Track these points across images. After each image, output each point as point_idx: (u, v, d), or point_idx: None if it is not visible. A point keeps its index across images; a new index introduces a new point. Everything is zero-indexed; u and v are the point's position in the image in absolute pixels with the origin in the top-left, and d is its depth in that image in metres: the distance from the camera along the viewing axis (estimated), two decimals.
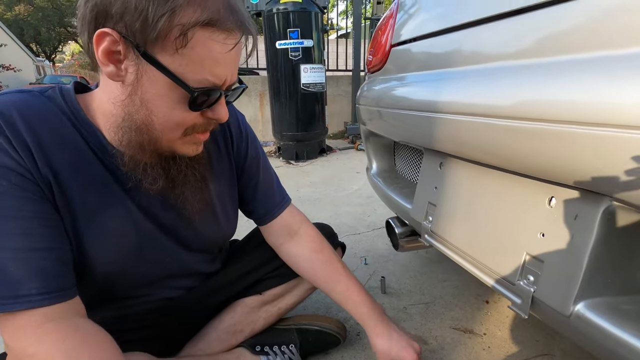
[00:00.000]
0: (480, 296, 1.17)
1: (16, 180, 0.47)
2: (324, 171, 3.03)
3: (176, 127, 0.52)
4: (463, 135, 0.65)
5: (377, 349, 0.77)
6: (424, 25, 0.85)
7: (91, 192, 0.55)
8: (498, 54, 0.61)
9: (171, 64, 0.46)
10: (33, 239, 0.48)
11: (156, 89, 0.48)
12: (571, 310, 0.48)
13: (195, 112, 0.51)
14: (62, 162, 0.52)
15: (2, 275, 0.45)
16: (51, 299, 0.48)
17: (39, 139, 0.49)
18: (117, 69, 0.47)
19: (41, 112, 0.51)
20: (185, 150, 0.56)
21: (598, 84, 0.42)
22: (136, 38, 0.45)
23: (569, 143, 0.45)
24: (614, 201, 0.45)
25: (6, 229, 0.46)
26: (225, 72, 0.50)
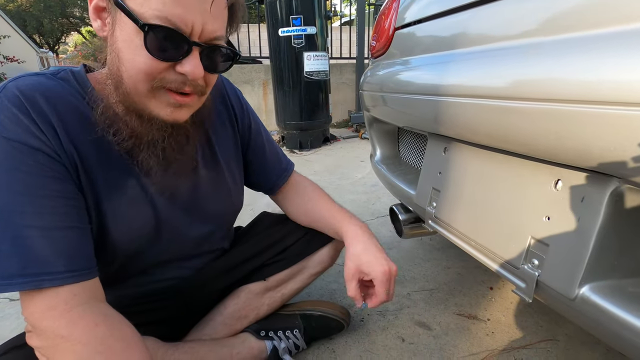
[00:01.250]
0: (484, 282, 1.17)
1: (42, 159, 0.48)
2: (328, 160, 3.03)
3: (142, 77, 0.49)
4: (468, 118, 0.64)
5: (347, 253, 0.73)
6: (428, 7, 0.83)
7: (111, 169, 0.56)
8: (504, 34, 0.59)
9: (133, 4, 0.46)
10: (59, 218, 0.48)
11: (124, 34, 0.47)
12: (576, 293, 0.48)
13: (158, 61, 0.47)
14: (84, 142, 0.53)
15: (30, 253, 0.46)
16: (78, 277, 0.49)
17: (62, 119, 0.51)
18: (102, 24, 0.50)
19: (60, 93, 0.52)
20: (161, 111, 0.52)
21: (607, 62, 0.41)
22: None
23: (576, 123, 0.44)
24: (622, 183, 0.44)
25: (33, 208, 0.47)
26: (188, 14, 0.46)
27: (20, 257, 0.46)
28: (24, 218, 0.46)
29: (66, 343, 0.46)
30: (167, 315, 0.74)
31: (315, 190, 0.88)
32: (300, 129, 3.43)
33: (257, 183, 0.86)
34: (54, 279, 0.47)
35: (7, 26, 13.39)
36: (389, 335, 0.95)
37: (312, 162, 2.96)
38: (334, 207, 0.82)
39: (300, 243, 0.86)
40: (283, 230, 0.88)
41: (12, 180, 0.46)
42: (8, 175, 0.46)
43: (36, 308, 0.47)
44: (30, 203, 0.47)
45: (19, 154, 0.47)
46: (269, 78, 4.13)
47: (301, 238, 0.86)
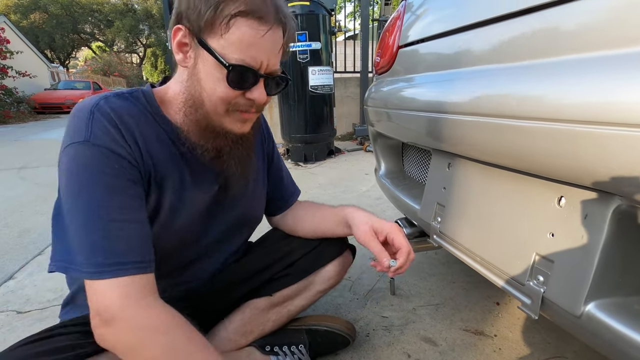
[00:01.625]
0: (490, 298, 1.16)
1: (125, 165, 0.57)
2: (332, 173, 3.04)
3: (220, 102, 0.60)
4: (472, 136, 0.65)
5: (355, 222, 0.78)
6: (431, 26, 0.85)
7: (174, 178, 0.65)
8: (506, 54, 0.61)
9: (217, 46, 0.57)
10: (135, 214, 0.57)
11: (206, 68, 0.58)
12: (582, 310, 0.48)
13: (234, 90, 0.59)
14: (158, 155, 0.62)
15: (114, 244, 0.53)
16: (148, 268, 0.56)
17: (142, 135, 0.60)
18: (184, 56, 0.60)
19: (139, 112, 0.62)
20: (232, 126, 0.64)
21: (610, 83, 0.42)
22: (194, 28, 0.57)
23: (578, 143, 0.45)
24: (624, 201, 0.45)
25: (116, 203, 0.54)
26: (259, 55, 0.58)
27: (106, 248, 0.52)
28: (110, 212, 0.54)
29: (149, 332, 0.53)
30: None
31: (314, 203, 0.95)
32: (305, 142, 3.46)
33: (270, 201, 0.91)
34: (132, 268, 0.53)
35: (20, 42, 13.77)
36: (394, 350, 0.95)
37: (316, 175, 2.97)
38: (331, 206, 0.89)
39: (307, 258, 0.87)
40: (291, 244, 0.89)
41: (100, 180, 0.54)
42: (97, 176, 0.54)
43: (113, 296, 0.52)
44: (114, 199, 0.54)
45: (106, 159, 0.55)
46: None
47: (308, 253, 0.87)
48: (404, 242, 0.73)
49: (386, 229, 0.75)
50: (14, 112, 9.74)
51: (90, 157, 0.54)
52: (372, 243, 0.74)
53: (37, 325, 1.09)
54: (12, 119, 9.22)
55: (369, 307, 1.14)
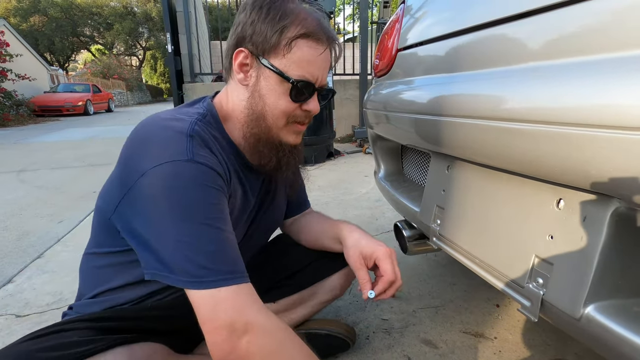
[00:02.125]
0: (490, 300, 1.16)
1: (223, 184, 0.61)
2: (331, 175, 3.04)
3: (281, 115, 0.66)
4: (471, 138, 0.66)
5: (346, 243, 0.79)
6: (430, 29, 0.85)
7: (239, 196, 0.70)
8: (505, 57, 0.61)
9: (279, 65, 0.63)
10: (231, 227, 0.60)
11: (269, 85, 0.64)
12: (581, 312, 0.48)
13: (295, 103, 0.65)
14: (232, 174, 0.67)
15: (229, 254, 0.57)
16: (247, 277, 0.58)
17: (222, 155, 0.66)
18: (245, 76, 0.66)
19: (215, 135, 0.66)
20: (289, 138, 0.70)
21: (608, 86, 0.42)
22: (258, 51, 0.63)
23: (577, 145, 0.45)
24: (623, 203, 0.45)
25: (224, 215, 0.59)
26: (317, 72, 0.65)
27: (223, 257, 0.55)
28: (221, 224, 0.57)
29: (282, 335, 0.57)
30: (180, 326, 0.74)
31: (320, 214, 0.96)
32: (305, 144, 3.41)
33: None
34: (244, 276, 0.57)
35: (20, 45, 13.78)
36: (394, 353, 0.94)
37: (316, 177, 2.97)
38: (333, 219, 0.90)
39: (312, 267, 0.88)
40: (297, 252, 0.89)
41: (207, 195, 0.57)
42: (207, 190, 0.57)
43: (244, 302, 0.55)
44: (223, 212, 0.59)
45: (211, 176, 0.58)
46: None
47: (314, 262, 0.88)
48: (389, 269, 0.73)
49: (375, 255, 0.75)
50: (14, 115, 9.75)
51: (197, 173, 0.56)
52: (359, 272, 0.75)
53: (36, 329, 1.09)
54: (12, 122, 9.21)
55: (368, 309, 1.14)
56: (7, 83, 9.90)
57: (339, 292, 0.89)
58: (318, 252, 0.88)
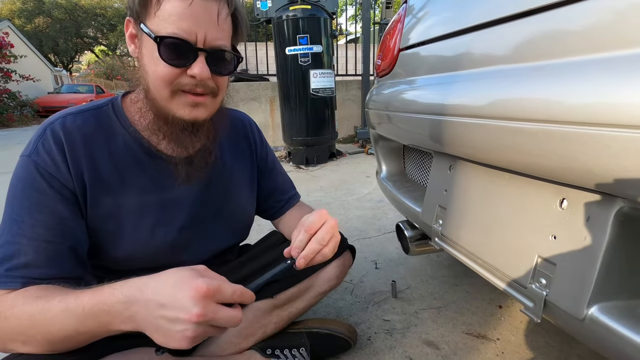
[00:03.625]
0: (493, 301, 1.16)
1: (56, 185, 0.58)
2: (334, 175, 3.04)
3: (162, 83, 0.59)
4: (473, 138, 0.65)
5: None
6: (432, 29, 0.85)
7: (136, 188, 0.66)
8: (507, 56, 0.61)
9: (152, 25, 0.57)
10: (51, 234, 0.57)
11: (147, 51, 0.58)
12: (585, 313, 0.47)
13: (173, 68, 0.57)
14: (119, 167, 0.64)
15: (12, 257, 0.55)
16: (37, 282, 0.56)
17: (96, 153, 0.62)
18: (135, 47, 0.61)
19: (99, 129, 0.64)
20: (180, 111, 0.62)
21: (614, 84, 0.41)
22: (135, 15, 0.58)
23: (580, 145, 0.45)
24: (627, 203, 0.45)
25: (33, 220, 0.56)
26: (192, 26, 0.56)
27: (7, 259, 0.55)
28: (21, 226, 0.56)
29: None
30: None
31: (301, 206, 0.94)
32: (307, 144, 3.46)
33: (265, 209, 0.93)
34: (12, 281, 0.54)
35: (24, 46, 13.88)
36: (396, 354, 0.94)
37: (318, 178, 2.97)
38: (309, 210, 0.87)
39: None
40: None
41: (24, 195, 0.57)
42: (23, 190, 0.58)
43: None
44: (32, 215, 0.57)
45: (38, 176, 0.58)
46: (275, 95, 4.20)
47: None
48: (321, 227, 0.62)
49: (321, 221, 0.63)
50: (18, 116, 9.81)
51: (26, 171, 0.58)
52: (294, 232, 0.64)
53: None
54: (16, 123, 9.27)
55: (370, 310, 1.14)
56: (11, 84, 9.98)
57: (335, 282, 0.89)
58: None
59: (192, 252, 0.75)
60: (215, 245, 0.80)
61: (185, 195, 0.72)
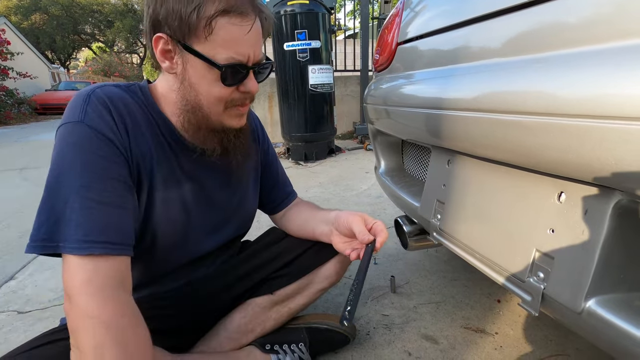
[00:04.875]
0: (491, 295, 1.16)
1: (114, 150, 0.58)
2: (333, 171, 3.03)
3: (217, 102, 0.62)
4: (471, 132, 0.65)
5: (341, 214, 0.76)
6: (430, 22, 0.84)
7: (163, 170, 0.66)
8: (505, 48, 0.60)
9: (203, 49, 0.57)
10: (119, 200, 0.57)
11: (197, 73, 0.59)
12: (582, 306, 0.47)
13: (229, 87, 0.61)
14: (150, 146, 0.64)
15: (90, 224, 0.53)
16: (124, 251, 0.56)
17: (135, 124, 0.62)
18: (171, 63, 0.60)
19: (134, 104, 0.63)
20: (231, 122, 0.66)
21: (611, 76, 0.41)
22: (177, 35, 0.57)
23: (578, 137, 0.44)
24: (625, 196, 0.44)
25: (99, 185, 0.55)
26: (247, 50, 0.59)
27: (83, 225, 0.52)
28: (92, 192, 0.54)
29: (92, 320, 0.50)
30: (175, 325, 0.74)
31: (311, 205, 0.94)
32: (305, 140, 3.45)
33: (266, 202, 0.93)
34: (104, 247, 0.53)
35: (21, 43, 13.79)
36: (395, 349, 0.94)
37: (317, 174, 2.97)
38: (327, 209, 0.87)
39: (306, 255, 0.87)
40: (290, 243, 0.89)
41: (88, 160, 0.55)
42: (86, 155, 0.55)
43: (77, 278, 0.51)
44: (98, 181, 0.55)
45: (98, 141, 0.56)
46: (274, 91, 4.18)
47: (308, 250, 0.87)
48: (385, 229, 0.71)
49: (376, 222, 0.72)
50: (15, 113, 9.77)
51: (83, 136, 0.55)
52: (357, 225, 0.71)
53: (38, 325, 1.10)
54: (13, 120, 9.24)
55: (369, 305, 1.14)
56: (8, 81, 9.92)
57: (335, 278, 0.89)
58: (312, 240, 0.87)
59: (200, 242, 0.76)
60: (222, 236, 0.81)
61: (206, 186, 0.73)
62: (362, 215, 0.73)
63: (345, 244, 0.75)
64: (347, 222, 0.73)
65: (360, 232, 0.70)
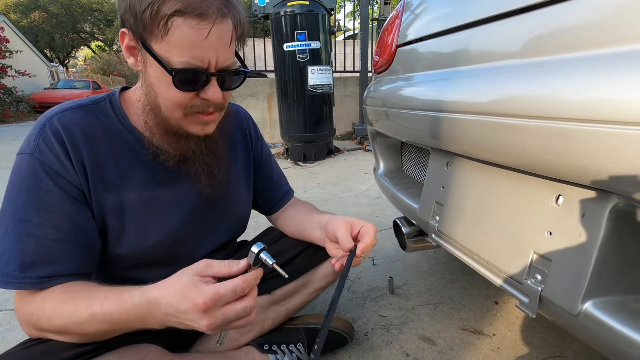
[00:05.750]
0: (489, 297, 1.16)
1: (62, 183, 0.57)
2: (332, 172, 3.04)
3: (176, 107, 0.59)
4: (470, 134, 0.65)
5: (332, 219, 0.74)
6: (430, 25, 0.85)
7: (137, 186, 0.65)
8: (504, 52, 0.61)
9: (160, 50, 0.54)
10: (60, 233, 0.57)
11: (156, 73, 0.56)
12: (580, 309, 0.48)
13: (187, 93, 0.57)
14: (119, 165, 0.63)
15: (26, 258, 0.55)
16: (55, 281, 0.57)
17: (95, 153, 0.60)
18: (135, 60, 0.58)
19: (97, 126, 0.62)
20: (194, 129, 0.63)
21: (609, 81, 0.42)
22: (136, 32, 0.54)
23: (576, 141, 0.45)
24: (622, 199, 0.45)
25: (41, 219, 0.56)
26: (206, 55, 0.54)
27: (18, 261, 0.54)
28: (31, 228, 0.55)
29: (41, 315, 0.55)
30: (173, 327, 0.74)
31: (308, 207, 0.93)
32: (305, 141, 3.46)
33: (262, 203, 0.92)
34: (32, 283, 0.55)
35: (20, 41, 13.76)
36: (393, 350, 0.95)
37: (316, 175, 2.97)
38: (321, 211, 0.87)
39: (304, 255, 0.87)
40: (287, 243, 0.89)
41: (30, 194, 0.56)
42: (29, 189, 0.56)
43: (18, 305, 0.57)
44: (37, 214, 0.56)
45: (44, 175, 0.56)
46: (274, 91, 4.19)
47: (305, 250, 0.87)
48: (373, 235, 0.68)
49: (363, 227, 0.69)
50: (14, 112, 9.75)
51: (31, 170, 0.56)
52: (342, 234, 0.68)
53: None
54: (12, 119, 9.22)
55: (367, 306, 1.14)
56: (7, 79, 9.89)
57: (332, 278, 0.89)
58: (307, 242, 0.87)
59: (191, 248, 0.75)
60: (214, 241, 0.80)
61: (185, 192, 0.71)
62: (348, 222, 0.70)
63: (337, 250, 0.71)
64: (333, 230, 0.70)
65: (342, 239, 0.67)
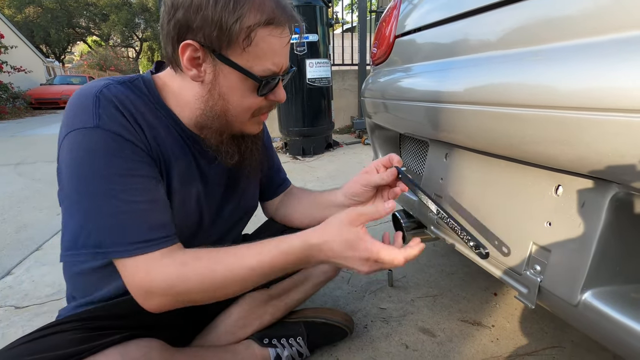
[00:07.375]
0: (488, 288, 1.17)
1: (135, 149, 0.57)
2: (330, 166, 3.03)
3: (246, 111, 0.63)
4: (468, 125, 0.65)
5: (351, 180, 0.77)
6: (427, 15, 0.84)
7: (180, 165, 0.65)
8: (503, 41, 0.60)
9: (240, 60, 0.56)
10: (152, 194, 0.58)
11: (230, 83, 0.59)
12: (578, 299, 0.48)
13: (261, 97, 0.61)
14: (164, 141, 0.63)
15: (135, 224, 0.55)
16: (170, 242, 0.58)
17: (146, 121, 0.60)
18: (198, 72, 0.58)
19: (141, 102, 0.62)
20: (252, 129, 0.68)
21: (609, 68, 0.41)
22: (213, 44, 0.55)
23: (575, 130, 0.44)
24: (622, 188, 0.45)
25: (132, 185, 0.55)
26: (282, 60, 0.60)
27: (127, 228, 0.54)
28: (123, 194, 0.54)
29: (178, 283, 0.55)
30: (174, 319, 0.74)
31: (306, 190, 0.95)
32: (303, 135, 3.44)
33: (263, 188, 0.91)
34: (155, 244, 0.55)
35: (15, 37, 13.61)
36: (392, 342, 0.95)
37: (315, 169, 2.97)
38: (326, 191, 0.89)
39: None
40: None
41: (114, 165, 0.54)
42: (111, 160, 0.54)
43: (141, 274, 0.54)
44: (129, 182, 0.55)
45: (118, 144, 0.55)
46: None
47: None
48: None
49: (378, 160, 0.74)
50: (10, 108, 9.67)
51: (102, 142, 0.54)
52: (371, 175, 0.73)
53: (36, 320, 1.09)
54: (8, 115, 9.15)
55: (367, 299, 1.15)
56: (2, 75, 9.80)
57: (331, 273, 0.89)
58: None
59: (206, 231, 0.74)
60: (227, 226, 0.80)
61: (217, 176, 0.73)
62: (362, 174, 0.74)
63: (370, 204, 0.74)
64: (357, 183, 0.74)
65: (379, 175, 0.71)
